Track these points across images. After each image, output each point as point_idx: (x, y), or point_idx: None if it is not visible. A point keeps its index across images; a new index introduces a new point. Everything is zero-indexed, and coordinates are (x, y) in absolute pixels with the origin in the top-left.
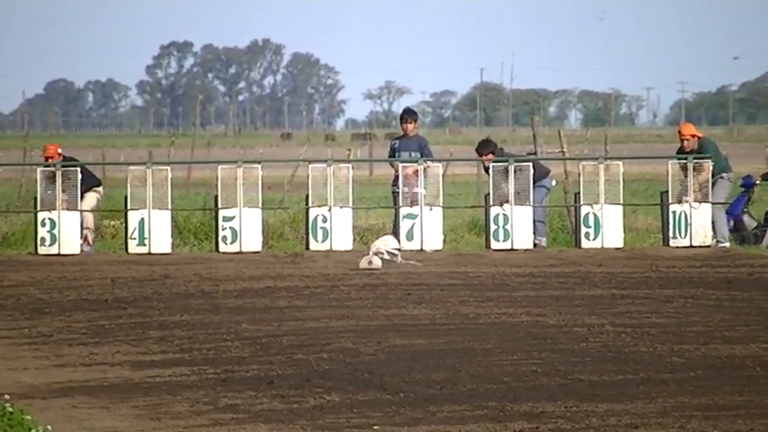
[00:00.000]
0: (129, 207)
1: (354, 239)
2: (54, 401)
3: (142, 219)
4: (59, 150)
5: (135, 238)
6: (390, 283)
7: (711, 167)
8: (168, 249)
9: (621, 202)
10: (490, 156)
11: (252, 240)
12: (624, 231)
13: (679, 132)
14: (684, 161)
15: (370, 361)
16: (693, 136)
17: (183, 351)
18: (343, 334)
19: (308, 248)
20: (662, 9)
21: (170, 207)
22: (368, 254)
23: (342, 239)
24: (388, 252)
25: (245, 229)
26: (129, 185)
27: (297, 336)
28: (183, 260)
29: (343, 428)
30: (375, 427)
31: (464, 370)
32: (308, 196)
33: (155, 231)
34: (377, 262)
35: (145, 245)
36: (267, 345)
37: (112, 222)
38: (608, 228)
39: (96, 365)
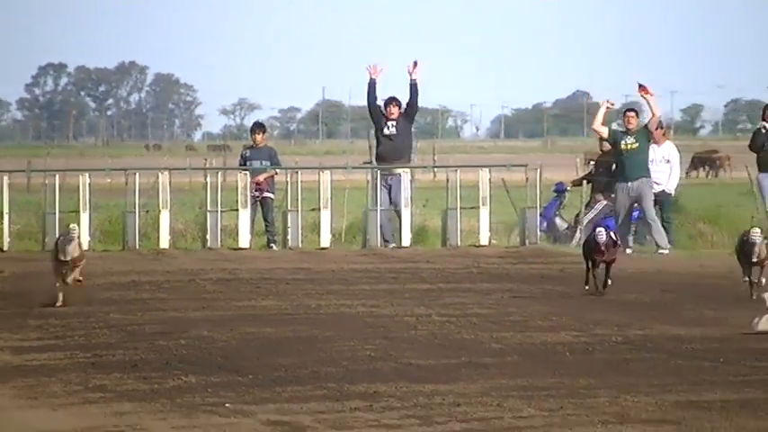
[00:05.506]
0: (7, 210)
1: (217, 239)
2: None
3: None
4: None
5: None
6: (242, 278)
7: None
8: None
9: (447, 206)
10: None
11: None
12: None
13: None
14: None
15: (224, 347)
16: None
17: (57, 338)
18: (199, 323)
19: (169, 247)
20: (484, 34)
21: (47, 211)
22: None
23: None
24: None
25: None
26: (7, 191)
27: (159, 324)
28: None
29: (198, 406)
30: (227, 405)
31: (307, 355)
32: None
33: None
34: None
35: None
36: (132, 332)
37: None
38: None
39: None
